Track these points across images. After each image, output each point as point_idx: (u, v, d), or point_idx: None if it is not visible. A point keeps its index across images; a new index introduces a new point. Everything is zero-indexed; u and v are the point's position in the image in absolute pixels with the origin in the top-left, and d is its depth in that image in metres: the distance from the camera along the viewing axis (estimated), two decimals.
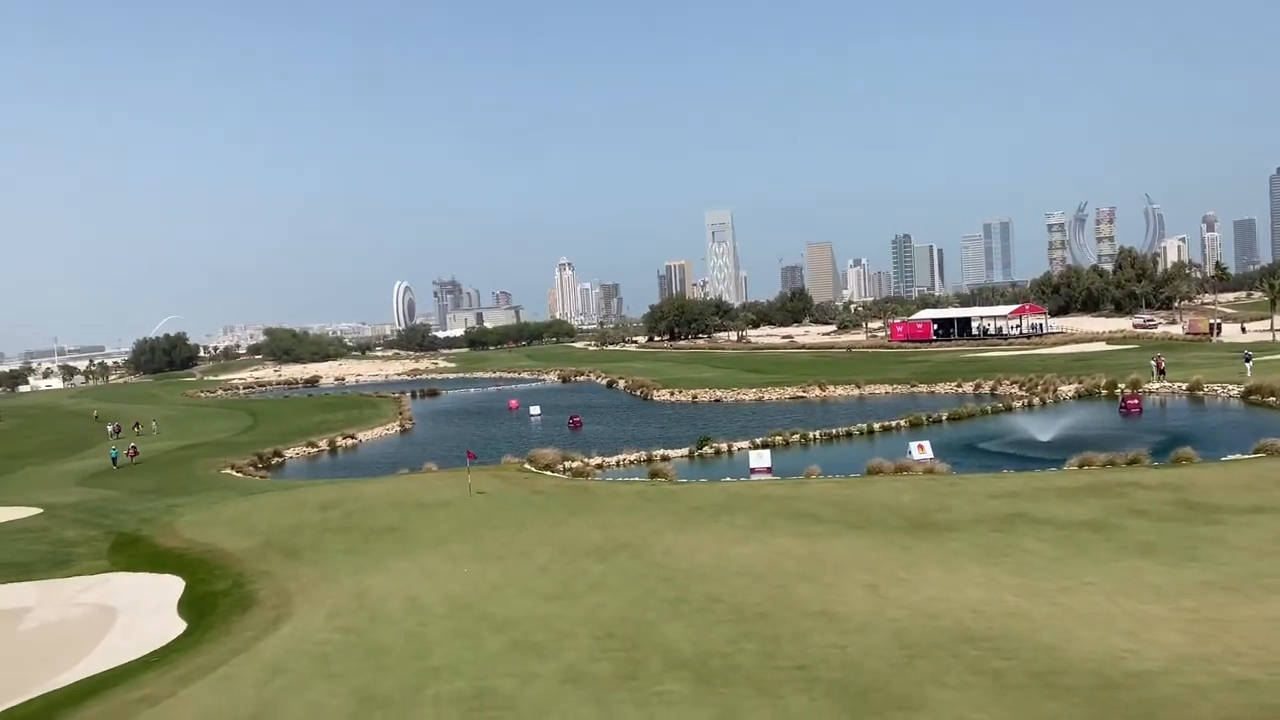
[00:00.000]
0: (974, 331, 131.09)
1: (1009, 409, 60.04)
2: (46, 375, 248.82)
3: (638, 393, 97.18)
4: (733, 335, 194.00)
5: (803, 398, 79.51)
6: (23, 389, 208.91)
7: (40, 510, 39.75)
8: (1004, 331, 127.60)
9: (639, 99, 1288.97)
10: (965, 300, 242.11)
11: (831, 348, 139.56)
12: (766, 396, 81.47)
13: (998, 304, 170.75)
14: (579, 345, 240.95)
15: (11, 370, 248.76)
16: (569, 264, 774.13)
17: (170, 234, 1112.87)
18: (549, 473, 40.31)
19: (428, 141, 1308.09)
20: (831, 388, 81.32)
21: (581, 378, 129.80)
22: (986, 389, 72.52)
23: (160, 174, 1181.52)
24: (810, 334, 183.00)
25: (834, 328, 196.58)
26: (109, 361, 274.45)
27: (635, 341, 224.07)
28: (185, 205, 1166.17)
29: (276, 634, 19.47)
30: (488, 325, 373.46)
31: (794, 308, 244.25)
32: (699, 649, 16.37)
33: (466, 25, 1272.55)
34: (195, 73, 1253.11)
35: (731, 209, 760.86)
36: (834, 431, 54.85)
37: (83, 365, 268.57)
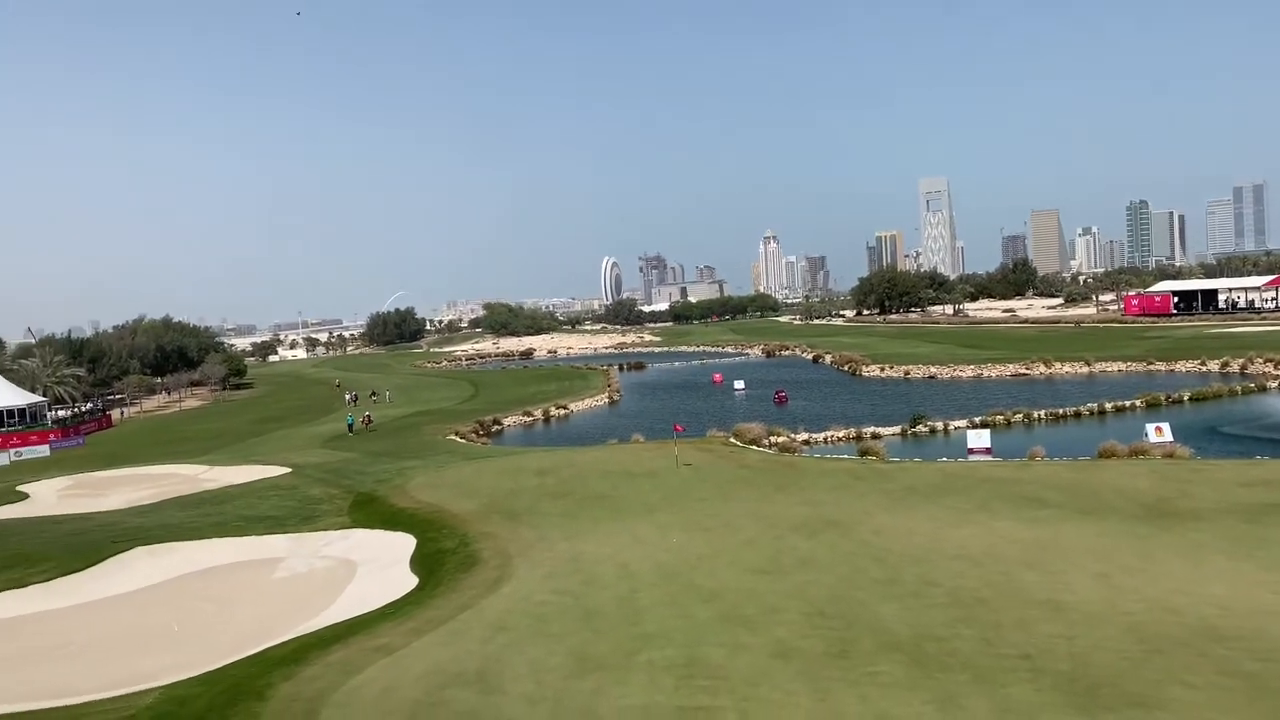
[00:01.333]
0: (1220, 305, 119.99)
1: (1262, 389, 54.62)
2: (292, 346, 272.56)
3: (845, 368, 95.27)
4: (948, 309, 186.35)
5: (1026, 375, 75.46)
6: (272, 359, 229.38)
7: (290, 470, 43.62)
8: (1256, 305, 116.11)
9: (848, 62, 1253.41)
10: (1210, 271, 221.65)
11: (1058, 322, 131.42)
12: (985, 374, 77.88)
13: (1249, 274, 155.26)
14: (783, 319, 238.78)
15: (263, 341, 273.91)
16: (774, 237, 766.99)
17: (400, 218, 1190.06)
18: (754, 447, 40.23)
19: (635, 125, 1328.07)
20: (1058, 365, 76.75)
21: (786, 352, 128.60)
22: (1235, 368, 66.27)
23: (393, 166, 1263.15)
24: (1034, 307, 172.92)
25: (1060, 301, 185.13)
26: (346, 334, 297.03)
27: (842, 315, 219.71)
28: (414, 191, 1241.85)
29: (498, 593, 20.49)
30: (691, 299, 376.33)
31: (1016, 279, 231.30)
32: (914, 632, 15.89)
33: (679, 4, 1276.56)
34: (428, 67, 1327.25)
35: (948, 176, 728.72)
36: (1060, 411, 51.79)
37: (323, 337, 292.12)
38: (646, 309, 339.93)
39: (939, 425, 49.37)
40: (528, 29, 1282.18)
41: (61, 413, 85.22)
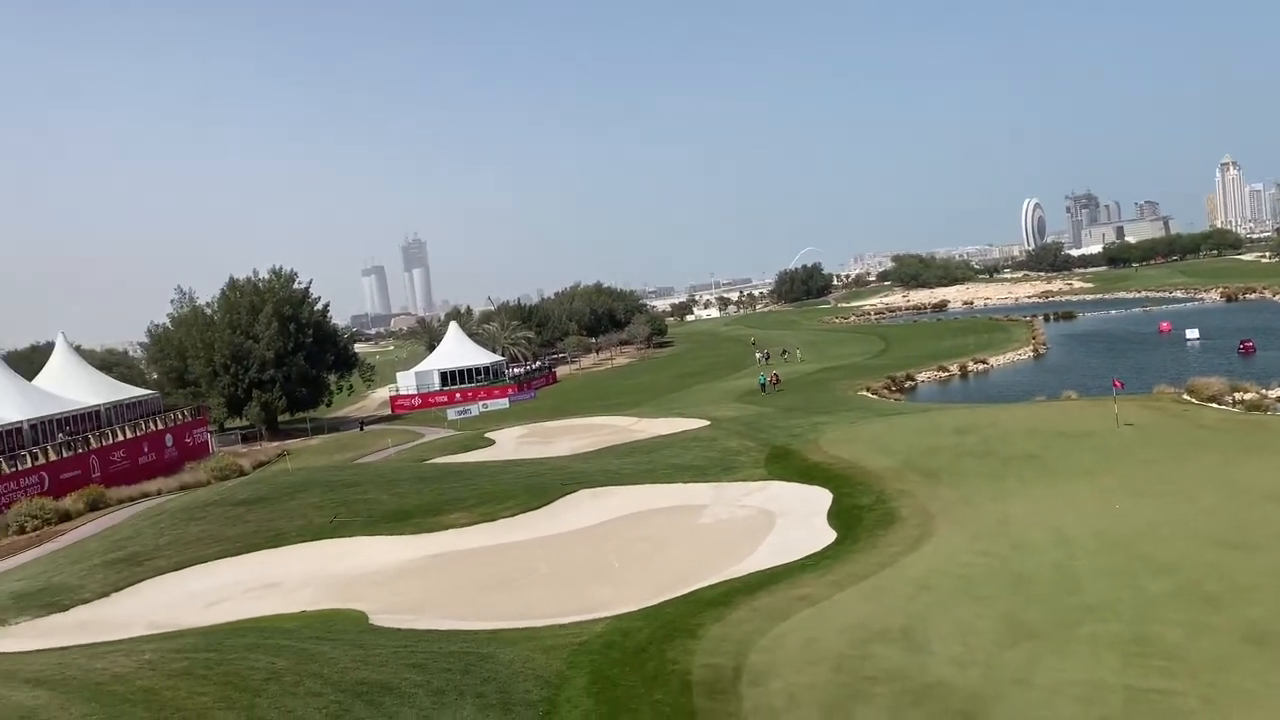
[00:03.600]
0: None
1: None
2: (706, 306, 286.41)
3: None
4: None
5: None
6: (688, 318, 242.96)
7: (709, 423, 45.91)
8: None
9: None
10: None
11: None
12: None
13: None
14: (1247, 258, 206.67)
15: (680, 302, 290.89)
16: (1233, 163, 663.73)
17: (805, 173, 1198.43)
18: (1213, 405, 35.31)
19: (1063, 51, 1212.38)
20: None
21: (1253, 295, 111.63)
22: None
23: (795, 122, 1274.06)
24: None
25: None
26: (755, 292, 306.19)
27: None
28: (816, 149, 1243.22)
29: (919, 552, 19.95)
30: (1129, 240, 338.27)
31: None
32: None
33: None
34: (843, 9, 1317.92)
35: None
36: None
37: (734, 296, 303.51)
38: (1074, 253, 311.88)
39: None
40: None
41: (516, 370, 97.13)
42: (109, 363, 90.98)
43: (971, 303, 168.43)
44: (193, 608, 23.40)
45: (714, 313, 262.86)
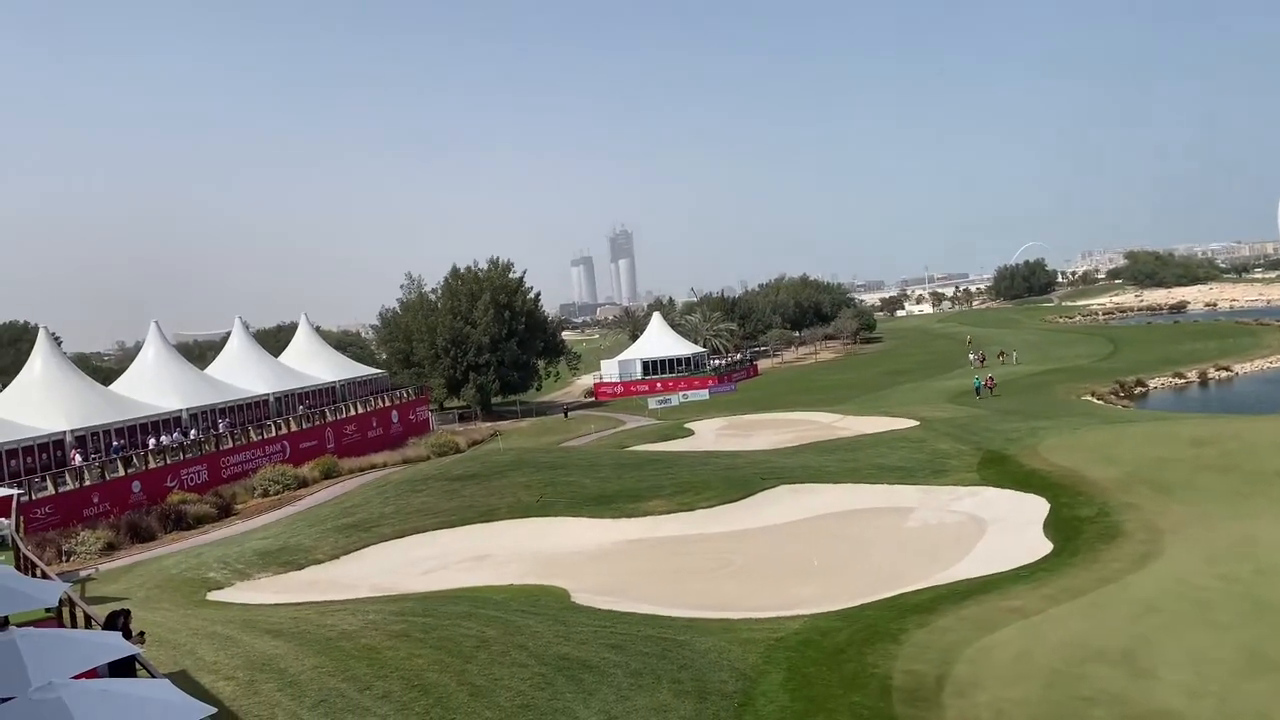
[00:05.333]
0: None
1: None
2: (918, 301, 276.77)
3: None
4: None
5: None
6: (899, 313, 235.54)
7: (917, 423, 44.36)
8: None
9: None
10: None
11: None
12: None
13: None
14: None
15: (890, 297, 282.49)
16: None
17: (1032, 166, 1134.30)
18: None
19: None
20: None
21: None
22: None
23: (1024, 109, 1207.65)
24: None
25: None
26: (971, 288, 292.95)
27: None
28: (1045, 133, 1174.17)
29: (1146, 570, 18.52)
30: None
31: None
32: None
33: None
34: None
35: None
36: None
37: (948, 291, 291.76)
38: None
39: None
40: None
41: (717, 361, 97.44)
42: (344, 343, 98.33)
43: (1215, 304, 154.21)
44: (412, 574, 24.98)
45: (926, 308, 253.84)
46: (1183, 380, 62.77)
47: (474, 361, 77.05)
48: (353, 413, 59.07)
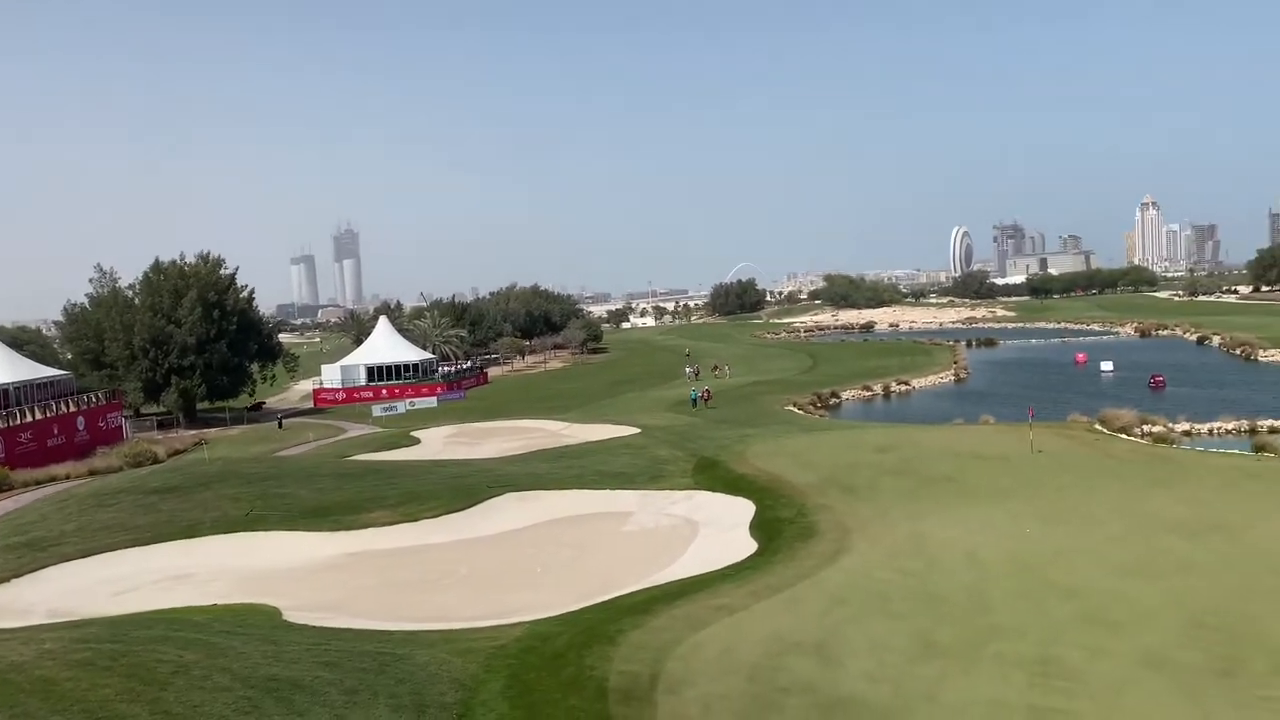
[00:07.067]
0: None
1: None
2: (642, 314, 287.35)
3: (1237, 351, 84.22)
4: None
5: None
6: (624, 325, 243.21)
7: (639, 430, 46.05)
8: None
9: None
10: None
11: None
12: None
13: None
14: (1162, 295, 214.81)
15: (616, 309, 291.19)
16: (1153, 203, 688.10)
17: (746, 191, 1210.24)
18: (1123, 436, 36.57)
19: (992, 80, 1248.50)
20: None
21: (1165, 332, 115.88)
22: None
23: (734, 143, 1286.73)
24: None
25: None
26: (691, 303, 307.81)
27: (1235, 291, 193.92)
28: (758, 163, 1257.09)
29: (836, 565, 20.30)
30: (1052, 271, 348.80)
31: None
32: None
33: None
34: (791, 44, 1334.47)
35: None
36: None
37: (670, 305, 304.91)
38: (999, 281, 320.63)
39: None
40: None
41: (447, 369, 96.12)
42: (20, 340, 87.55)
43: (898, 325, 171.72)
44: (98, 597, 22.66)
45: (650, 321, 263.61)
46: (870, 393, 69.37)
47: (177, 364, 71.26)
48: (29, 419, 52.82)
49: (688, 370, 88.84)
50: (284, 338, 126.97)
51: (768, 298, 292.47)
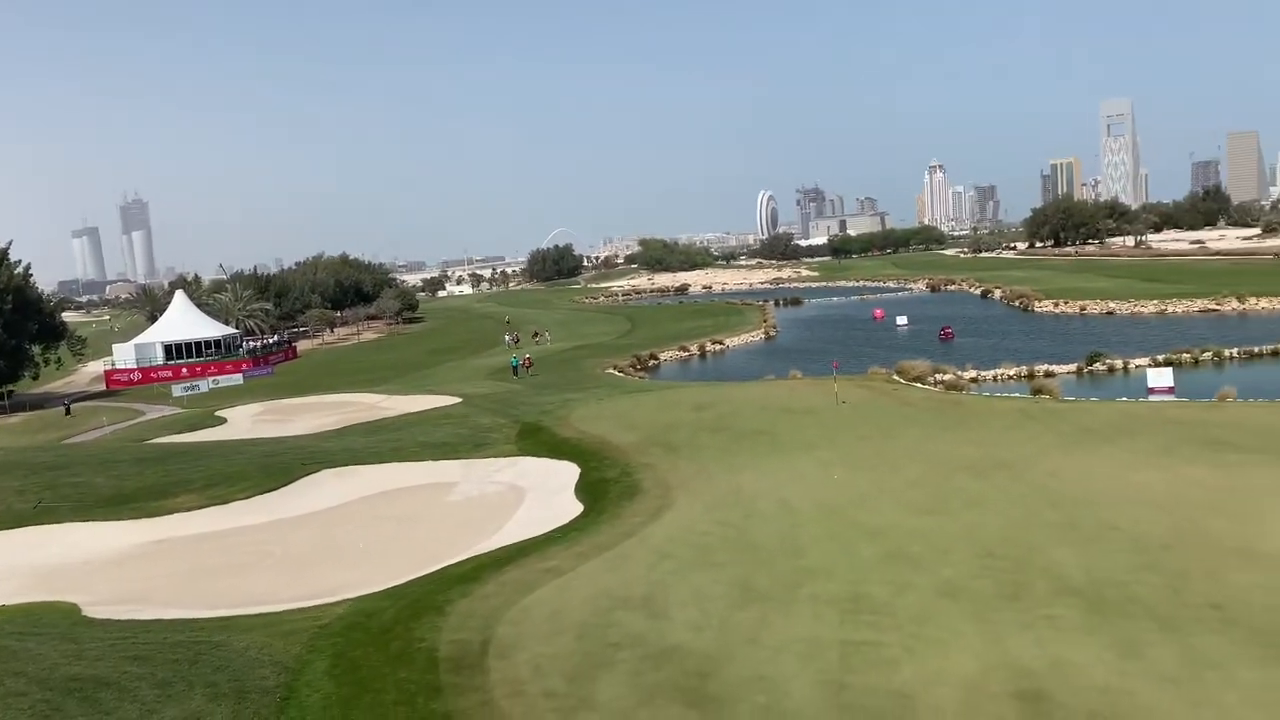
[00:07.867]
0: None
1: None
2: (459, 282, 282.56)
3: (1016, 303, 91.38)
4: (1129, 240, 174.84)
5: (1216, 311, 70.37)
6: (441, 294, 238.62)
7: (460, 399, 45.52)
8: None
9: None
10: None
11: (1253, 254, 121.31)
12: (1170, 309, 73.14)
13: None
14: (949, 253, 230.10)
15: (432, 278, 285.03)
16: (940, 166, 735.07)
17: (554, 153, 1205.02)
18: (918, 385, 39.22)
19: (789, 49, 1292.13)
20: (1253, 300, 71.20)
21: (952, 287, 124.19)
22: None
23: (548, 105, 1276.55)
24: (1227, 238, 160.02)
25: (1258, 230, 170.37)
26: (508, 270, 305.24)
27: (1013, 248, 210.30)
28: (572, 127, 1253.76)
29: (660, 521, 20.88)
30: (851, 233, 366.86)
31: (1206, 209, 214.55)
32: (1091, 577, 15.28)
33: None
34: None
35: (1132, 98, 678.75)
36: (1256, 350, 48.17)
37: (487, 273, 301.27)
38: (803, 243, 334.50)
39: (1118, 363, 46.73)
40: None
41: (252, 344, 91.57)
42: None
43: (710, 287, 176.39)
44: None
45: (467, 289, 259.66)
46: (687, 353, 71.15)
47: None
48: None
49: (507, 338, 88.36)
50: (69, 316, 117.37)
51: (585, 263, 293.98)
